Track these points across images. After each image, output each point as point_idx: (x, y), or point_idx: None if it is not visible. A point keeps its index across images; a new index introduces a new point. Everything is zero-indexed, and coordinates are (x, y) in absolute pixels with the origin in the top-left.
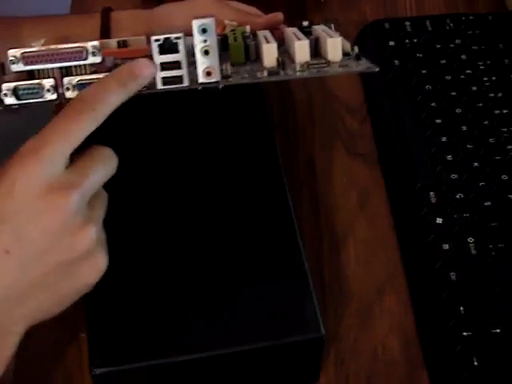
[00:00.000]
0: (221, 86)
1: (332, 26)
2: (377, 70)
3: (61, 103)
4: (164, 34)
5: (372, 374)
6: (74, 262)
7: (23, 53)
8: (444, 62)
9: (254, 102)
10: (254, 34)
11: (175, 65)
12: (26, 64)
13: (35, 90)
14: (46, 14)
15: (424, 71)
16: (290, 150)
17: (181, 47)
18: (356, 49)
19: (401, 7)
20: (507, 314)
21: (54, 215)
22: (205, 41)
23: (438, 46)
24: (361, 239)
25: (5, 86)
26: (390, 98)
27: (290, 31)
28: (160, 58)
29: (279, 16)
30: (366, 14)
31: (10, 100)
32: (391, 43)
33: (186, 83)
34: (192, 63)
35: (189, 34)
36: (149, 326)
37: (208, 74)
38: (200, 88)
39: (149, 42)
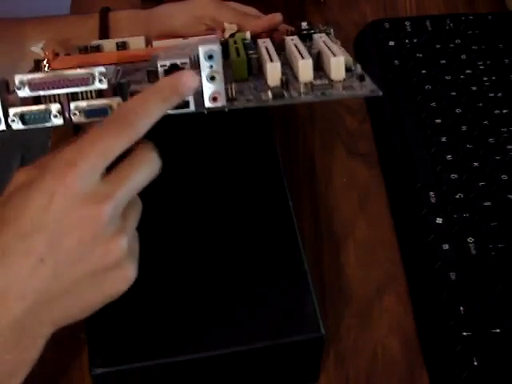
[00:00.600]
0: (227, 110)
1: (331, 30)
2: (380, 94)
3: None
4: (169, 58)
5: (372, 374)
6: (104, 271)
7: (29, 79)
8: (444, 61)
9: None
10: (255, 42)
11: None
12: (33, 90)
13: (42, 115)
14: (46, 15)
15: (424, 71)
16: (289, 150)
17: None
18: (359, 67)
19: (401, 7)
20: (507, 314)
21: (88, 227)
22: (211, 66)
23: (438, 46)
24: (361, 239)
25: (12, 111)
26: (390, 98)
27: (292, 42)
28: None
29: (278, 17)
30: (366, 14)
31: (17, 125)
32: (391, 43)
33: (192, 108)
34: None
35: (188, 34)
36: (148, 325)
37: (214, 99)
38: (206, 112)
39: (148, 43)
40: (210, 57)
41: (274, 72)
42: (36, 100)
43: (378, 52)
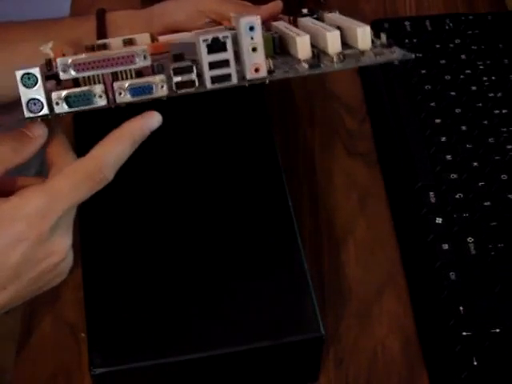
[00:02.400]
0: (267, 81)
1: (336, 11)
2: (413, 56)
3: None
4: (211, 33)
5: (372, 374)
6: (54, 266)
7: (73, 60)
8: (444, 61)
9: (254, 102)
10: (268, 26)
11: (223, 63)
12: (78, 71)
13: (86, 97)
14: (41, 19)
15: (424, 71)
16: (289, 150)
17: (229, 46)
18: (384, 37)
19: (401, 7)
20: (507, 314)
21: (29, 244)
22: (252, 38)
23: (438, 46)
24: (361, 239)
25: (55, 94)
26: (390, 97)
27: (308, 21)
28: (208, 58)
29: (279, 5)
30: (366, 14)
31: (61, 108)
32: None
33: (234, 81)
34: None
35: (192, 28)
36: (149, 325)
37: (256, 70)
38: (247, 84)
39: (153, 40)
40: (251, 28)
41: (304, 45)
42: (76, 83)
43: None
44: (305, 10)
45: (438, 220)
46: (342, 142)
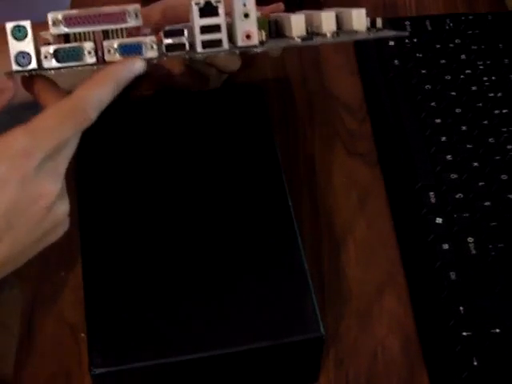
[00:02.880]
0: (259, 51)
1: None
2: (407, 34)
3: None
4: None
5: (372, 374)
6: (46, 209)
7: (65, 15)
8: (444, 61)
9: (254, 102)
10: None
11: (215, 28)
12: (69, 26)
13: (75, 53)
14: (39, 21)
15: (424, 71)
16: (290, 150)
17: (221, 11)
18: (380, 21)
19: (401, 7)
20: (507, 314)
21: (44, 203)
22: (244, 4)
23: (438, 46)
24: (361, 239)
25: (44, 48)
26: (390, 97)
27: (302, 11)
28: (200, 22)
29: (281, 6)
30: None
31: (49, 63)
32: (391, 43)
33: (225, 46)
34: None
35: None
36: (148, 326)
37: (247, 37)
38: (238, 52)
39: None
40: None
41: (298, 23)
42: (66, 39)
43: (377, 52)
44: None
45: (438, 220)
46: (342, 142)
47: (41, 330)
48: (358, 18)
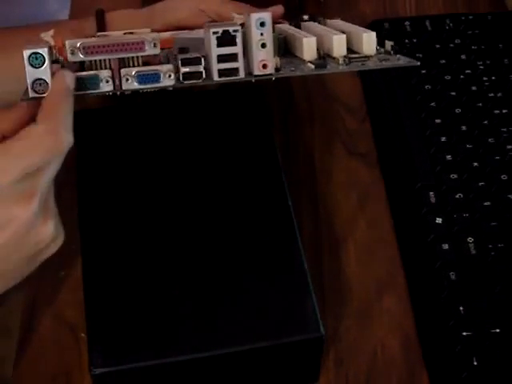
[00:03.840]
0: (273, 78)
1: (339, 19)
2: (418, 63)
3: None
4: (221, 26)
5: (372, 374)
6: (39, 252)
7: (83, 43)
8: (444, 61)
9: (254, 102)
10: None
11: (232, 57)
12: (86, 55)
13: (93, 81)
14: (40, 22)
15: (424, 71)
16: (290, 150)
17: (238, 40)
18: (389, 44)
19: (401, 7)
20: (507, 314)
21: (20, 223)
22: (262, 34)
23: (438, 46)
24: (361, 239)
25: None
26: (390, 97)
27: (311, 24)
28: (217, 51)
29: (280, 9)
30: (366, 14)
31: None
32: (391, 43)
33: (242, 75)
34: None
35: (193, 27)
36: (148, 326)
37: (264, 66)
38: (254, 80)
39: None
40: (262, 24)
41: (310, 47)
42: (82, 67)
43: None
44: (306, 17)
45: (438, 220)
46: (341, 142)
47: (41, 329)
48: (368, 42)
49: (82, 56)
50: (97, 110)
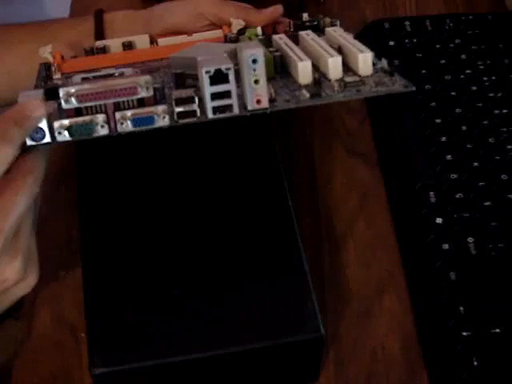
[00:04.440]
0: (268, 111)
1: (338, 23)
2: (414, 88)
3: None
4: (213, 64)
5: (372, 374)
6: (5, 291)
7: (77, 91)
8: (444, 61)
9: None
10: (269, 38)
11: (225, 94)
12: (80, 102)
13: (88, 126)
14: (39, 20)
15: (424, 71)
16: (290, 150)
17: (231, 77)
18: (385, 62)
19: (401, 7)
20: (507, 314)
21: None
22: (254, 70)
23: (438, 46)
24: (361, 239)
25: (57, 123)
26: (390, 97)
27: (309, 38)
28: (211, 89)
29: (279, 9)
30: (366, 14)
31: (63, 138)
32: (391, 43)
33: (236, 111)
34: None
35: (191, 31)
36: (148, 326)
37: (258, 101)
38: (249, 114)
39: (152, 41)
40: (254, 61)
41: (305, 71)
42: (77, 111)
43: (377, 52)
44: (305, 15)
45: (438, 220)
46: (341, 142)
47: (41, 330)
48: (364, 63)
49: (75, 103)
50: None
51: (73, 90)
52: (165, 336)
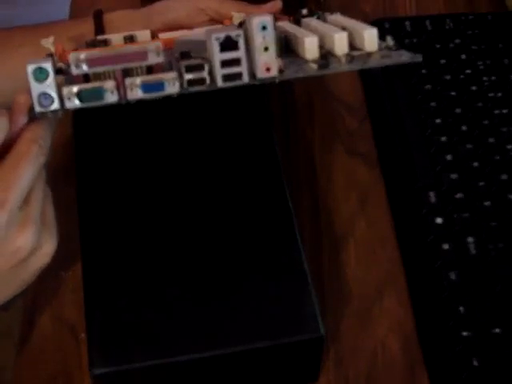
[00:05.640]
0: (277, 81)
1: (338, 14)
2: (421, 59)
3: None
4: (223, 31)
5: (372, 374)
6: (21, 262)
7: (87, 55)
8: (444, 61)
9: (254, 102)
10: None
11: (235, 62)
12: (90, 67)
13: (97, 92)
14: (38, 23)
15: (424, 71)
16: (290, 150)
17: (241, 44)
18: (390, 39)
19: (401, 7)
20: (507, 314)
21: None
22: (264, 37)
23: (438, 46)
24: (361, 239)
25: (66, 89)
26: (390, 97)
27: (311, 21)
28: (220, 56)
29: (278, 4)
30: (366, 14)
31: (72, 103)
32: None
33: (245, 79)
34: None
35: (192, 26)
36: (148, 326)
37: (267, 69)
38: (258, 83)
39: (154, 37)
40: (264, 27)
41: (312, 46)
42: (86, 79)
43: None
44: (304, 11)
45: (438, 220)
46: (341, 142)
47: (41, 330)
48: (370, 39)
49: (86, 68)
50: (96, 109)
51: (83, 56)
52: (165, 336)
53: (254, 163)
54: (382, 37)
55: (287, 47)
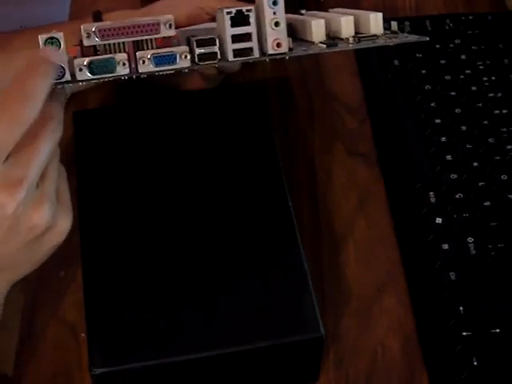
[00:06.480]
0: (287, 57)
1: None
2: (427, 38)
3: None
4: (234, 6)
5: (372, 374)
6: (37, 238)
7: (98, 26)
8: (443, 61)
9: (254, 102)
10: None
11: (246, 37)
12: (102, 38)
13: (109, 64)
14: (39, 26)
15: (424, 71)
16: (290, 150)
17: (252, 19)
18: (395, 24)
19: (400, 7)
20: (507, 314)
21: (3, 212)
22: (274, 13)
23: (438, 46)
24: (361, 239)
25: (78, 60)
26: (390, 97)
27: (314, 12)
28: (232, 31)
29: None
30: None
31: (83, 75)
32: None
33: (256, 54)
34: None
35: (192, 25)
36: (148, 326)
37: (278, 45)
38: (268, 60)
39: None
40: (275, 3)
41: (319, 29)
42: (95, 53)
43: (377, 52)
44: (303, 11)
45: (438, 220)
46: (341, 142)
47: (41, 330)
48: (376, 22)
49: (97, 39)
50: (96, 109)
51: (95, 26)
52: (165, 336)
53: (254, 163)
54: (386, 26)
55: (293, 36)
